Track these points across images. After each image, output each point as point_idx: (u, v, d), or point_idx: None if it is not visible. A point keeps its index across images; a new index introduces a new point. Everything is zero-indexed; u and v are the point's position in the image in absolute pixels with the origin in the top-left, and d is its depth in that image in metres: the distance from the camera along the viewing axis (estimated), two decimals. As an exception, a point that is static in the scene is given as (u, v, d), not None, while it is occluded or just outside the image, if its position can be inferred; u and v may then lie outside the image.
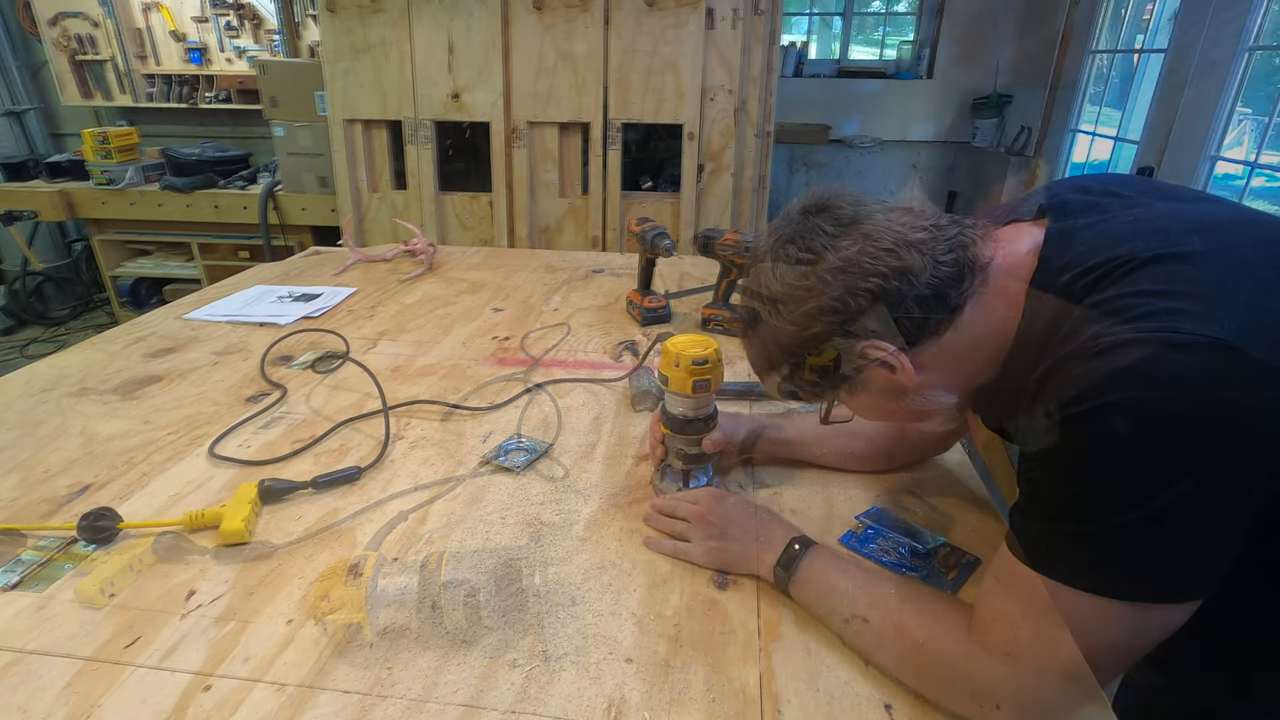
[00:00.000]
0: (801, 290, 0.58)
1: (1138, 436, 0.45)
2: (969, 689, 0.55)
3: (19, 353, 3.49)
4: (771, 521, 0.74)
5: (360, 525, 0.78)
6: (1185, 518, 0.45)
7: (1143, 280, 0.49)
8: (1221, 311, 0.45)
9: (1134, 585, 0.47)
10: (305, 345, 1.25)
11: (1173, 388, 0.44)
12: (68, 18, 3.69)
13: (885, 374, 0.59)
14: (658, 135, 2.93)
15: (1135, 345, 0.45)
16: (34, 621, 0.64)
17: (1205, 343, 0.44)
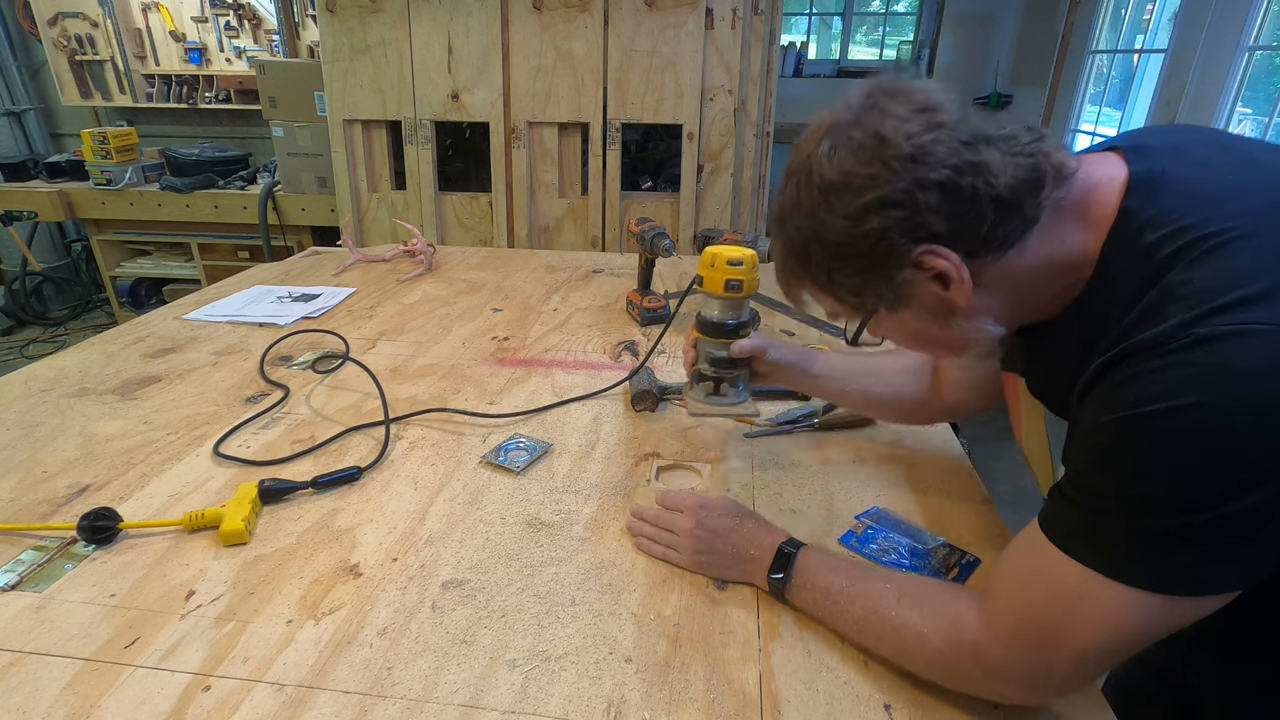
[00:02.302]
0: (863, 179, 0.50)
1: (1218, 443, 0.42)
2: (980, 672, 0.54)
3: (18, 353, 3.49)
4: (758, 529, 0.70)
5: (360, 525, 0.78)
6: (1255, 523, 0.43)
7: (1242, 258, 0.43)
8: None
9: (1190, 582, 0.45)
10: (305, 345, 1.25)
11: (1262, 390, 0.40)
12: (67, 18, 3.68)
13: (937, 289, 0.53)
14: (657, 135, 2.93)
15: (1225, 342, 0.41)
16: (34, 622, 0.64)
17: None
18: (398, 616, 0.65)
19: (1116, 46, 2.90)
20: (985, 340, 0.57)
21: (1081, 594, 0.47)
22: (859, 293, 0.56)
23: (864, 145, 0.50)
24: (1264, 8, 1.79)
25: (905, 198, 0.49)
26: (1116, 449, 0.46)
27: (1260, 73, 2.42)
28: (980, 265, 0.51)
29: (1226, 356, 0.41)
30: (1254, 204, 0.46)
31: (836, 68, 4.58)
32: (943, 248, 0.50)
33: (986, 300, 0.53)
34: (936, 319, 0.55)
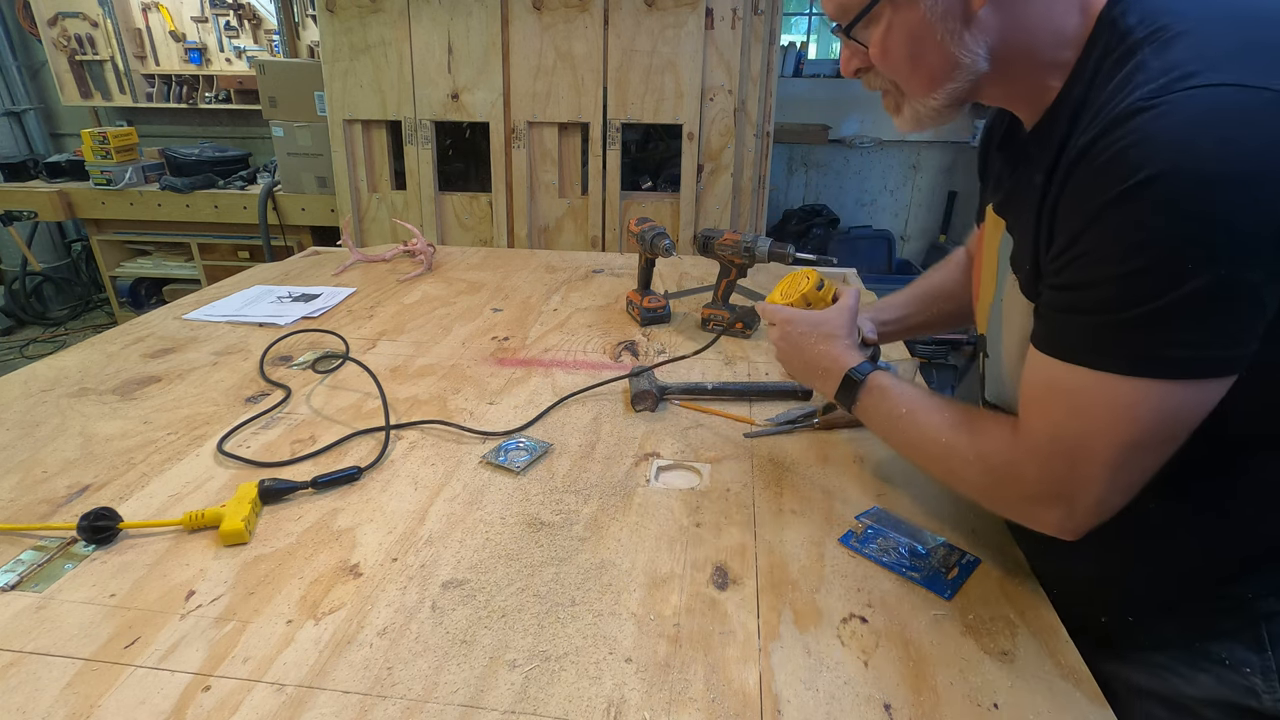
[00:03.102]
0: None
1: (1192, 208, 0.42)
2: (1017, 496, 0.56)
3: (18, 353, 3.49)
4: (831, 349, 0.78)
5: (360, 525, 0.78)
6: (1234, 295, 0.44)
7: (1202, 42, 0.46)
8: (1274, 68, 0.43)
9: (1183, 364, 0.46)
10: (305, 345, 1.25)
11: (1224, 145, 0.42)
12: (67, 18, 3.68)
13: None
14: (657, 135, 2.93)
15: (1188, 98, 0.43)
16: (33, 622, 0.64)
17: (1260, 95, 0.42)
18: (398, 616, 0.65)
19: (1116, 46, 2.91)
20: (969, 72, 0.57)
21: (1091, 397, 0.50)
22: None
23: None
24: (1264, 8, 1.80)
25: None
26: (1097, 232, 0.47)
27: (1260, 73, 2.42)
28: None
29: (1197, 113, 0.43)
30: (1215, 13, 0.49)
31: (836, 68, 4.59)
32: None
33: (992, 20, 0.54)
34: (946, 21, 0.55)
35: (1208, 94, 0.43)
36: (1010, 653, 0.63)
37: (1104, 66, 0.51)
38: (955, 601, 0.69)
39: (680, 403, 1.06)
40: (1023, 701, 0.58)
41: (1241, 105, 0.42)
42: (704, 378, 1.15)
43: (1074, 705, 0.58)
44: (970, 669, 0.61)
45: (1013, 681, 0.60)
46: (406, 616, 0.65)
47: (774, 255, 1.26)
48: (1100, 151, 0.46)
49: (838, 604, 0.68)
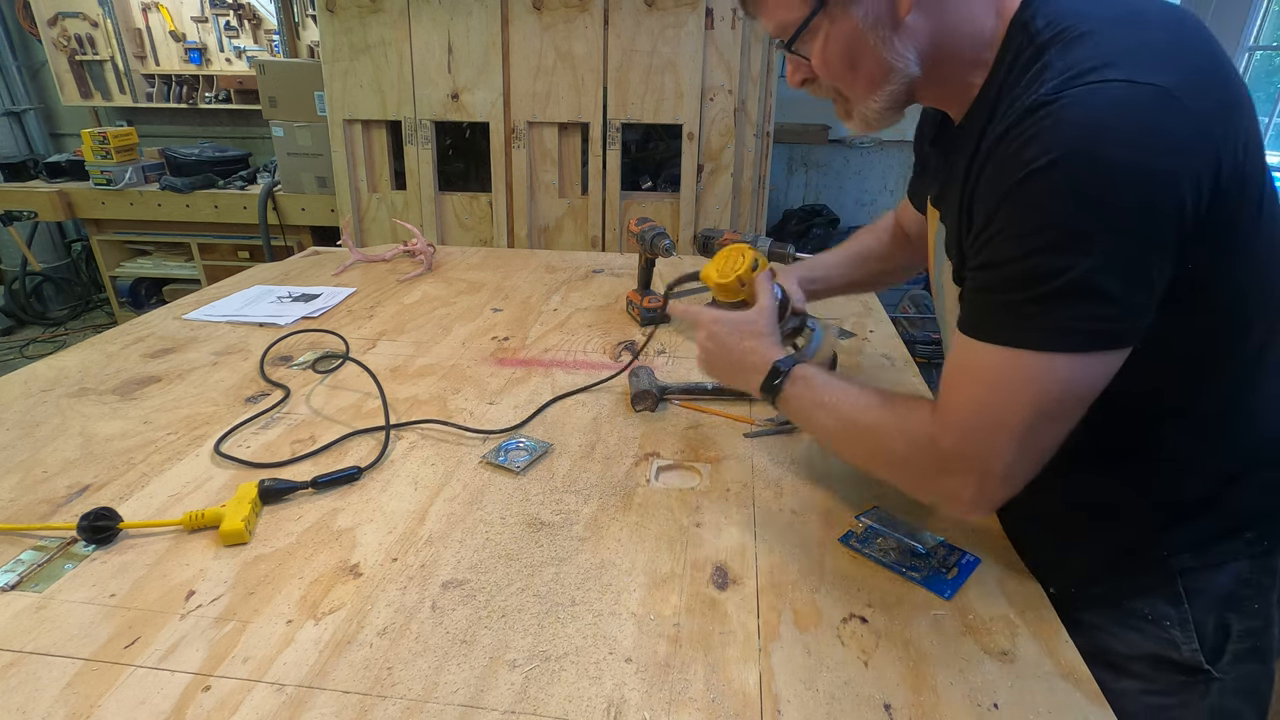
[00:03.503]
0: None
1: (1085, 190, 0.47)
2: (934, 467, 0.58)
3: (18, 353, 3.49)
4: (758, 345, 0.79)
5: (360, 525, 0.78)
6: (1124, 266, 0.48)
7: (1104, 42, 0.50)
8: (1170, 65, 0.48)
9: (1083, 338, 0.50)
10: (305, 345, 1.25)
11: (1115, 134, 0.46)
12: (67, 18, 3.68)
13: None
14: (657, 135, 2.93)
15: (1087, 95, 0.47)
16: (33, 622, 0.64)
17: (1153, 89, 0.46)
18: (398, 616, 0.65)
19: (1116, 46, 2.91)
20: (903, 75, 0.61)
21: (1003, 372, 0.53)
22: None
23: None
24: (1264, 8, 1.79)
25: None
26: (1007, 213, 0.51)
27: (1260, 73, 2.42)
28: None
29: (1094, 106, 0.47)
30: (1124, 12, 0.53)
31: (836, 68, 4.58)
32: None
33: (919, 25, 0.58)
34: (877, 30, 0.59)
35: (1102, 89, 0.47)
36: (1010, 653, 0.63)
37: (1016, 65, 0.55)
38: (955, 601, 0.69)
39: (680, 403, 1.07)
40: (1023, 701, 0.58)
41: (1130, 99, 0.46)
42: (704, 378, 1.15)
43: (1074, 705, 0.58)
44: (970, 669, 0.61)
45: (1013, 681, 0.60)
46: (406, 616, 0.65)
47: (774, 255, 1.26)
48: (1011, 140, 0.50)
49: (838, 604, 0.68)
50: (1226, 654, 0.63)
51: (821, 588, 0.70)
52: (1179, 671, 0.64)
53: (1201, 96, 0.47)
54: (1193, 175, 0.47)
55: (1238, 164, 0.49)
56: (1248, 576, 0.63)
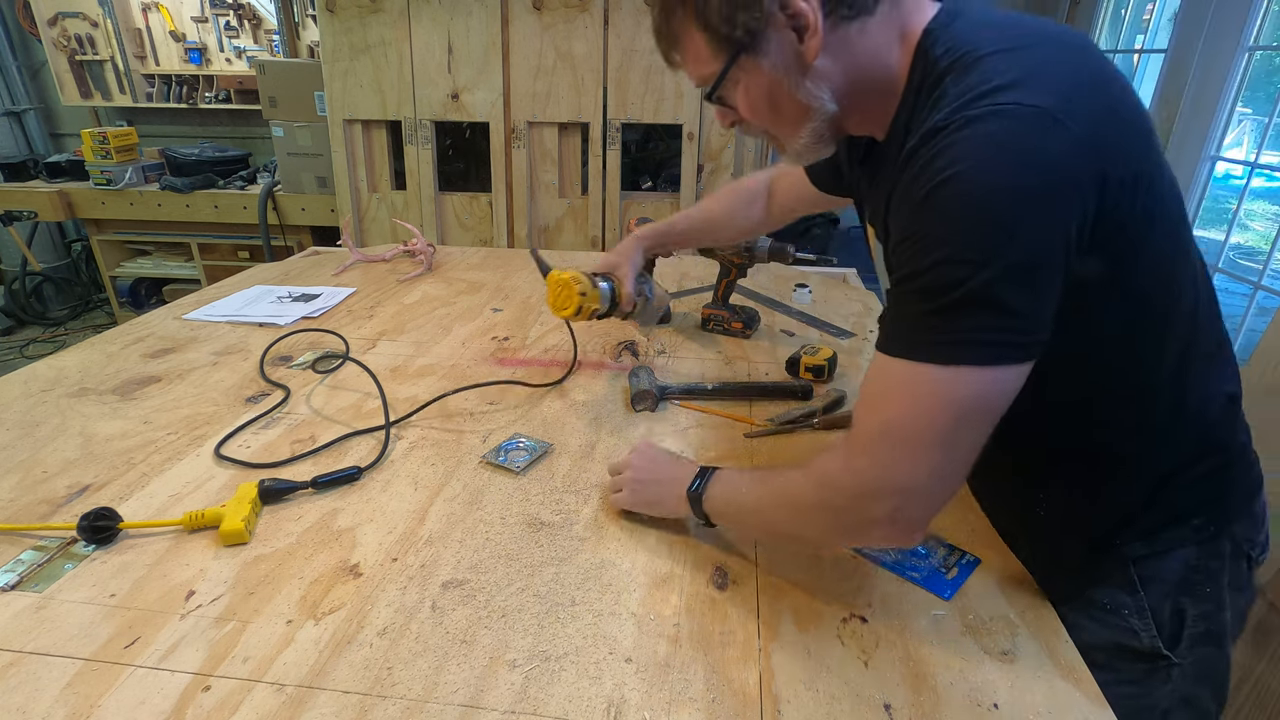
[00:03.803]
0: None
1: (970, 204, 0.49)
2: (849, 497, 0.57)
3: (18, 353, 3.49)
4: (690, 463, 0.78)
5: (360, 525, 0.78)
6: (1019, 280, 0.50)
7: (999, 65, 0.53)
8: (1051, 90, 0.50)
9: (986, 350, 0.51)
10: (305, 345, 1.25)
11: (1003, 154, 0.49)
12: (67, 18, 3.68)
13: (792, 40, 0.60)
14: (657, 135, 2.93)
15: (983, 120, 0.50)
16: (34, 622, 0.64)
17: (1036, 111, 0.49)
18: (398, 616, 0.65)
19: (1116, 46, 2.90)
20: (823, 112, 0.64)
21: (913, 388, 0.53)
22: (729, 20, 0.60)
23: None
24: (1264, 8, 1.79)
25: None
26: (912, 228, 0.54)
27: (1260, 73, 2.42)
28: (830, 26, 0.59)
29: (985, 129, 0.50)
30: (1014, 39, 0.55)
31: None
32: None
33: (829, 66, 0.61)
34: (789, 74, 0.62)
35: (992, 111, 0.50)
36: (1010, 653, 0.63)
37: (921, 91, 0.58)
38: (955, 601, 0.69)
39: (680, 403, 1.07)
40: (1023, 701, 0.58)
41: (1016, 120, 0.49)
42: (704, 378, 1.15)
43: (1074, 705, 0.58)
44: (970, 669, 0.61)
45: (1013, 681, 0.60)
46: (406, 616, 0.65)
47: (774, 255, 1.26)
48: (916, 161, 0.54)
49: (838, 604, 0.68)
50: (1183, 639, 0.66)
51: (821, 588, 0.70)
52: (1141, 660, 0.66)
53: (1085, 116, 0.50)
54: (1076, 191, 0.49)
55: (1127, 179, 0.51)
56: (1196, 562, 0.65)
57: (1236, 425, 0.68)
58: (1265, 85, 2.49)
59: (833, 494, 0.59)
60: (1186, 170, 1.93)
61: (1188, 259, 0.60)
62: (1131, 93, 0.56)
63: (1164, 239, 0.57)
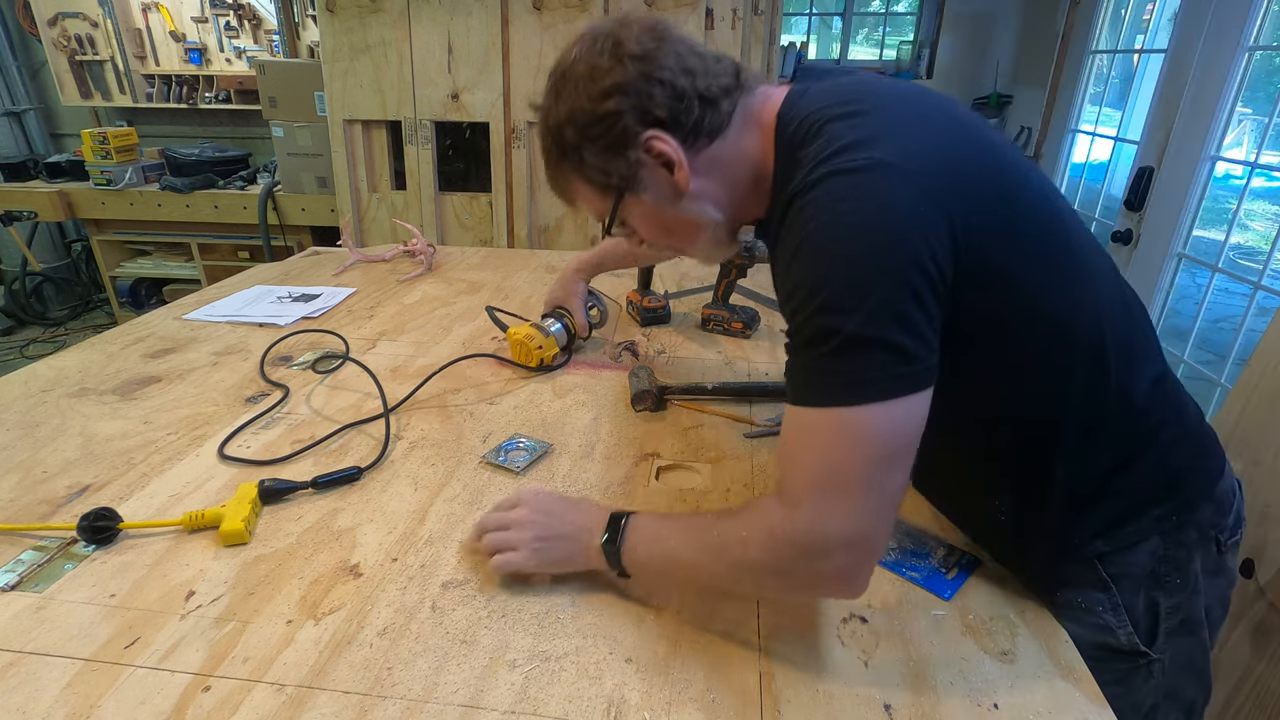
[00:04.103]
0: (603, 70, 0.64)
1: (833, 254, 0.53)
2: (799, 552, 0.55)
3: (18, 353, 3.49)
4: (593, 506, 0.72)
5: (360, 525, 0.78)
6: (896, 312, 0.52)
7: (842, 129, 0.58)
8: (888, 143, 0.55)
9: (880, 386, 0.53)
10: (305, 345, 1.25)
11: (850, 206, 0.54)
12: (67, 18, 3.68)
13: (664, 175, 0.66)
14: (657, 135, 2.92)
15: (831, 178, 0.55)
16: (34, 622, 0.64)
17: (874, 163, 0.54)
18: (398, 616, 0.65)
19: (1116, 46, 2.90)
20: (711, 223, 0.70)
21: (823, 434, 0.54)
22: (605, 172, 0.67)
23: (605, 48, 0.65)
24: (1264, 8, 1.79)
25: (634, 87, 0.63)
26: (788, 287, 0.57)
27: (1260, 73, 2.41)
28: (693, 154, 0.65)
29: (832, 187, 0.55)
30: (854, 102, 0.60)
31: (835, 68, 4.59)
32: (664, 134, 0.64)
33: (704, 185, 0.67)
34: (670, 202, 0.68)
35: (837, 170, 0.55)
36: (1010, 653, 0.63)
37: (784, 164, 0.64)
38: (955, 601, 0.69)
39: (680, 403, 1.07)
40: (1023, 701, 0.58)
41: (860, 173, 0.54)
42: (704, 378, 1.15)
43: (1074, 705, 0.58)
44: (970, 669, 0.61)
45: (1013, 681, 0.60)
46: (407, 616, 0.65)
47: (774, 255, 1.25)
48: (784, 226, 0.58)
49: (838, 604, 0.68)
50: (1160, 634, 0.66)
51: (821, 588, 0.70)
52: (1121, 659, 0.67)
53: (923, 162, 0.54)
54: (922, 230, 0.52)
55: (978, 209, 0.55)
56: (1164, 553, 0.65)
57: (1169, 404, 0.67)
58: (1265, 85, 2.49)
59: (780, 556, 0.56)
60: (1186, 170, 1.93)
61: (1078, 266, 0.61)
62: (978, 129, 0.60)
63: (1038, 256, 0.59)
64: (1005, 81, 4.15)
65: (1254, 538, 1.05)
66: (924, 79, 4.32)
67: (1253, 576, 1.05)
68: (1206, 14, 1.92)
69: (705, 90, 0.64)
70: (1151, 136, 2.11)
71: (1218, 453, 0.70)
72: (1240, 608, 1.06)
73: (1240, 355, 1.53)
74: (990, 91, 4.15)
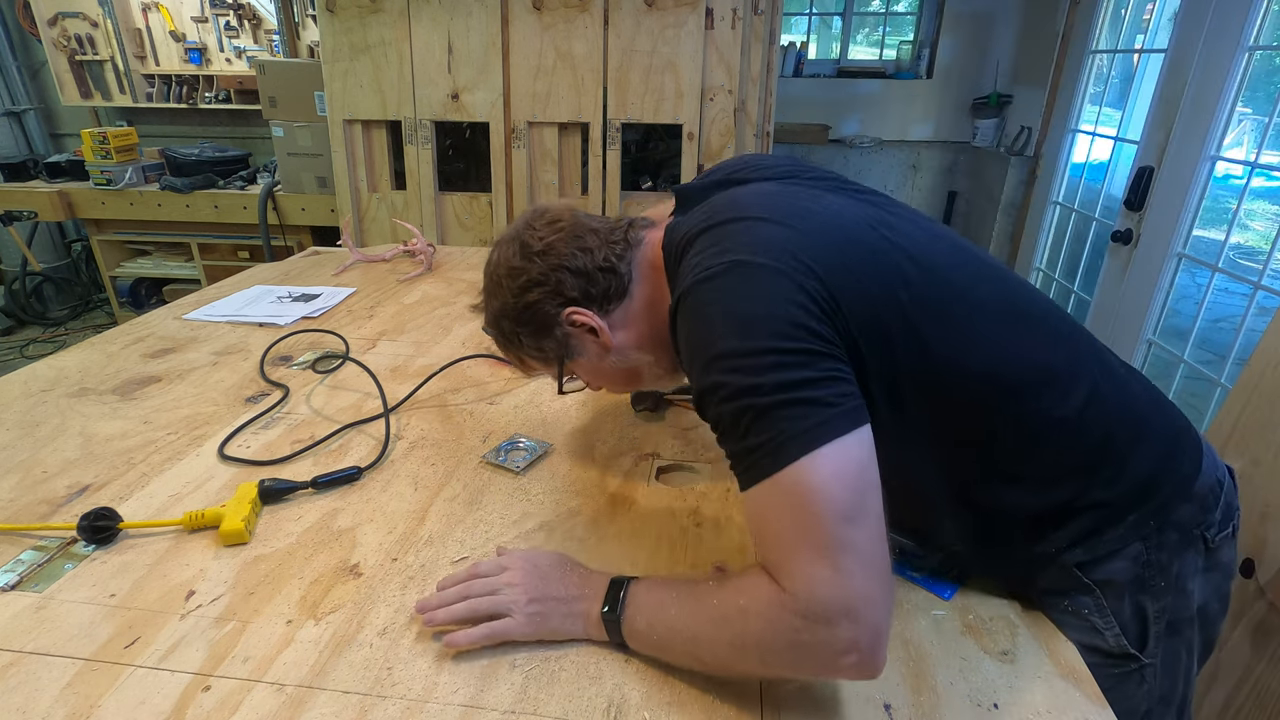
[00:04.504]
0: (517, 269, 0.74)
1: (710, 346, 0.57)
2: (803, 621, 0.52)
3: (18, 353, 3.49)
4: (589, 571, 0.68)
5: (360, 525, 0.78)
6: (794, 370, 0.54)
7: (703, 243, 0.63)
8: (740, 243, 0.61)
9: (815, 431, 0.53)
10: (305, 345, 1.25)
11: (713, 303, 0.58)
12: (67, 18, 3.68)
13: (591, 339, 0.74)
14: (657, 135, 2.92)
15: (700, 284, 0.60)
16: (34, 622, 0.64)
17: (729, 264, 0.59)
18: (398, 616, 0.65)
19: (1116, 46, 2.90)
20: (645, 364, 0.78)
21: (782, 502, 0.54)
22: (541, 350, 0.76)
23: (515, 250, 0.75)
24: (1264, 8, 1.79)
25: (544, 277, 0.73)
26: (693, 388, 0.60)
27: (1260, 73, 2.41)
28: (608, 315, 0.74)
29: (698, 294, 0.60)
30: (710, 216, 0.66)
31: (836, 68, 4.58)
32: (580, 308, 0.73)
33: (626, 337, 0.75)
34: (602, 358, 0.76)
35: (698, 280, 0.60)
36: (1010, 653, 0.63)
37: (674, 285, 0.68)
38: (955, 601, 0.69)
39: (680, 403, 1.06)
40: (1023, 701, 0.58)
41: (719, 275, 0.59)
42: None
43: (1074, 705, 0.58)
44: (970, 669, 0.61)
45: (1013, 681, 0.60)
46: (407, 616, 0.65)
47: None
48: (677, 335, 0.64)
49: (838, 604, 0.68)
50: (1150, 638, 0.66)
51: (821, 588, 0.70)
52: (1112, 663, 0.66)
53: (777, 251, 0.58)
54: (789, 304, 0.56)
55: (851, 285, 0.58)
56: (1147, 558, 0.65)
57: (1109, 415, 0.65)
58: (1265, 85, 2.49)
59: (782, 626, 0.53)
60: (1186, 170, 1.93)
61: (964, 311, 0.62)
62: (828, 203, 0.66)
63: (917, 310, 0.60)
64: (1005, 81, 4.15)
65: (1254, 538, 1.05)
66: (924, 79, 4.32)
67: (1253, 576, 1.05)
68: (1206, 14, 1.92)
69: (604, 262, 0.73)
70: (1151, 136, 2.11)
71: (1192, 449, 0.68)
72: (1240, 608, 1.06)
73: (1240, 355, 1.53)
74: (990, 91, 4.15)
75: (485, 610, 0.63)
